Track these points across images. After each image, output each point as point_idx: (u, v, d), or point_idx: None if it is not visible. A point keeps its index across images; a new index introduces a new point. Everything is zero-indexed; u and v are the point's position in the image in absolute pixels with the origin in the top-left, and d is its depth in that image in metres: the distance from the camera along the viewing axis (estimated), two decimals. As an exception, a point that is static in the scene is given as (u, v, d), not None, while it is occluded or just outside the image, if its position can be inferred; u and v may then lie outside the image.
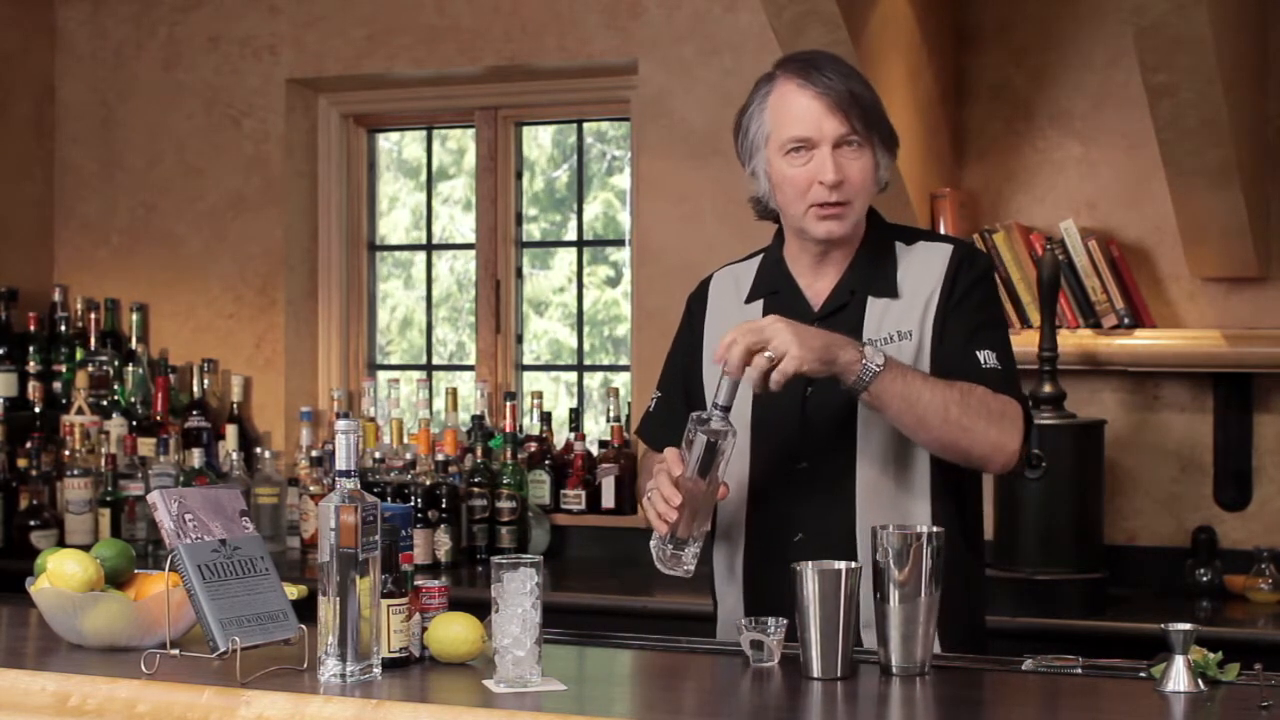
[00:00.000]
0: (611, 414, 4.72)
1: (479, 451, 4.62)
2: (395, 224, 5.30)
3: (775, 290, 2.74)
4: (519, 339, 5.04)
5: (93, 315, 5.10)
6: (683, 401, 2.78)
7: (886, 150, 2.66)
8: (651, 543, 2.56)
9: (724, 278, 2.85)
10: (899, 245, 2.72)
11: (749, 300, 2.77)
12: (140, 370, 5.02)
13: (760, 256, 2.82)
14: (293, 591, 2.47)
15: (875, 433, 2.62)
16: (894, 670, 2.28)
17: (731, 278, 2.83)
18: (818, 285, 2.71)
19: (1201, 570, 4.06)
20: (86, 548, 2.60)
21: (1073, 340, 4.11)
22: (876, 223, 2.75)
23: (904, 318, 2.65)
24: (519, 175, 5.05)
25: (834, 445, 2.64)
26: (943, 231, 4.16)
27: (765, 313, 2.68)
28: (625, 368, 4.90)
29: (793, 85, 2.61)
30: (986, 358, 2.61)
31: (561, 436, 4.81)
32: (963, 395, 2.54)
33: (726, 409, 2.47)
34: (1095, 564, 3.91)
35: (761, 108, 2.65)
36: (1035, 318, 4.08)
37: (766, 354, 2.43)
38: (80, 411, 4.87)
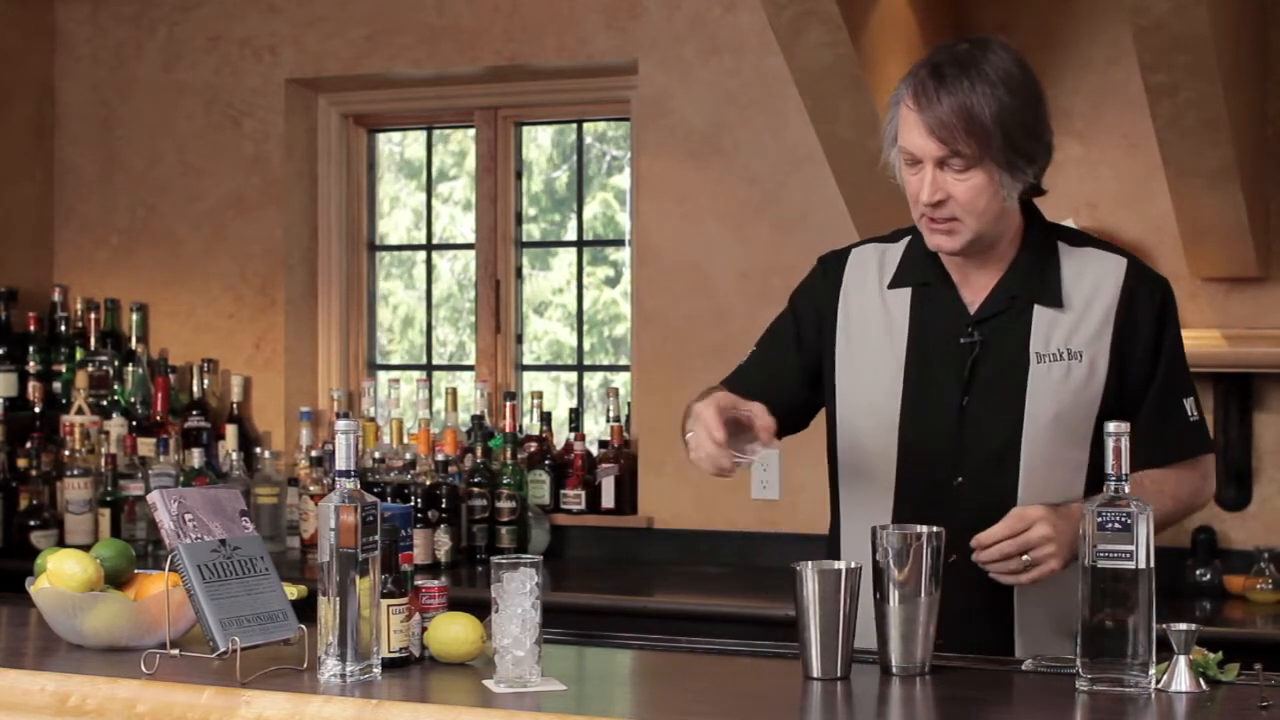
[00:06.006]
0: (611, 414, 4.72)
1: (479, 451, 4.61)
2: (396, 224, 5.30)
3: (926, 282, 2.60)
4: (519, 339, 5.04)
5: (93, 315, 5.10)
6: (800, 370, 2.66)
7: (1007, 168, 2.48)
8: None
9: (865, 254, 2.68)
10: (1062, 246, 2.60)
11: (893, 285, 2.62)
12: (140, 370, 5.02)
13: (908, 239, 2.65)
14: (293, 591, 2.48)
15: (1039, 444, 2.52)
16: (894, 670, 2.28)
17: (875, 256, 2.67)
18: (974, 283, 2.58)
19: (1201, 570, 4.06)
20: (86, 548, 2.60)
21: (1073, 340, 4.10)
22: (1036, 220, 2.61)
23: (1074, 335, 2.54)
24: (519, 175, 5.05)
25: (994, 458, 2.53)
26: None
27: (913, 303, 2.60)
28: (625, 368, 4.90)
29: (908, 98, 2.50)
30: (1191, 408, 2.59)
31: (561, 436, 4.81)
32: (1174, 496, 2.55)
33: None
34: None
35: (896, 108, 2.54)
36: (1035, 318, 4.07)
37: (1024, 557, 2.41)
38: (80, 411, 4.87)
